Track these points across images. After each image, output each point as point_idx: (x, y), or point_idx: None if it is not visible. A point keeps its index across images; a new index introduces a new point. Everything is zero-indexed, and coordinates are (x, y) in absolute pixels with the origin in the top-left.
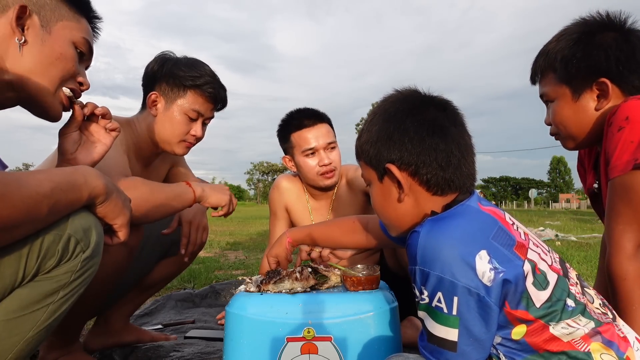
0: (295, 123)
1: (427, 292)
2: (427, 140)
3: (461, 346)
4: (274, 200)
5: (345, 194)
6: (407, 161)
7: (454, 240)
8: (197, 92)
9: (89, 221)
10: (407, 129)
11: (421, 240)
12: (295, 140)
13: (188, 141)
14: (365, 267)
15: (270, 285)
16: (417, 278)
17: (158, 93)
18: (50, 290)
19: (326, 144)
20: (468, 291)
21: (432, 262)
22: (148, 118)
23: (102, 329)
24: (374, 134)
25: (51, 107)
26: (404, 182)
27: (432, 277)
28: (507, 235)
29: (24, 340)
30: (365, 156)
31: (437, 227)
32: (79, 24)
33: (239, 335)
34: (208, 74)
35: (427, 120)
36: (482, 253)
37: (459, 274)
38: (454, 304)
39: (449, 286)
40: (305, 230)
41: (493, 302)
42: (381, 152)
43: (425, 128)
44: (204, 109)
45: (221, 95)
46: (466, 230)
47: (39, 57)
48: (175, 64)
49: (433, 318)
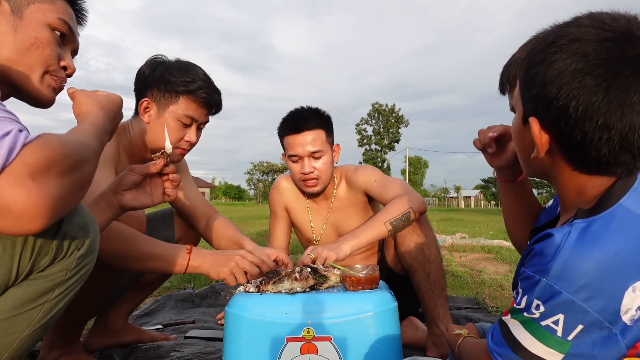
0: (286, 126)
1: (544, 308)
2: (612, 113)
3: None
4: (273, 201)
5: (344, 194)
6: (555, 127)
7: (608, 265)
8: (190, 97)
9: (84, 218)
10: (579, 92)
11: (564, 253)
12: (284, 142)
13: (182, 147)
14: (365, 267)
15: (270, 285)
16: (537, 290)
17: (150, 100)
18: (45, 288)
19: (309, 152)
20: (600, 324)
21: (570, 282)
22: (141, 124)
23: (102, 329)
24: (551, 68)
25: (39, 94)
26: (541, 145)
27: (562, 297)
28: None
29: (19, 340)
30: (523, 84)
31: (590, 241)
32: (53, 5)
33: (239, 335)
34: (201, 78)
35: (611, 87)
36: (638, 285)
37: (598, 305)
38: (574, 332)
39: (579, 313)
40: None
41: (624, 344)
42: (539, 98)
43: (601, 97)
44: (198, 114)
45: (215, 99)
46: (625, 253)
47: (14, 45)
48: (166, 69)
49: (535, 335)
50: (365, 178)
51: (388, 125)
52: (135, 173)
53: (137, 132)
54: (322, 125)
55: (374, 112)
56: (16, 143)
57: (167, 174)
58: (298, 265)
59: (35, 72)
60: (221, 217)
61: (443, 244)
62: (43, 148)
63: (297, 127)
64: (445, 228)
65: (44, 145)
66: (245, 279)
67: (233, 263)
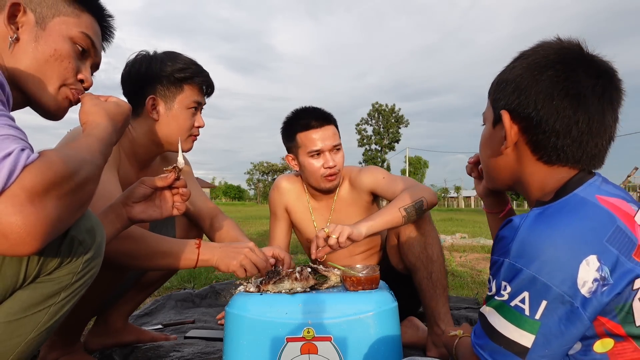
0: (303, 123)
1: (510, 288)
2: (555, 99)
3: (532, 355)
4: (274, 201)
5: (347, 194)
6: (523, 114)
7: (560, 240)
8: (191, 84)
9: (91, 222)
10: (540, 81)
11: (521, 232)
12: (301, 140)
13: (195, 134)
14: (365, 267)
15: (270, 285)
16: (502, 272)
17: (154, 96)
18: (52, 291)
19: (332, 146)
20: (561, 298)
21: (529, 258)
22: (147, 122)
23: (102, 329)
24: (507, 76)
25: (51, 106)
26: (510, 135)
27: (523, 274)
28: (626, 236)
29: (25, 342)
30: (491, 96)
31: (544, 222)
32: (78, 19)
33: (239, 335)
34: (192, 62)
35: (566, 79)
36: (590, 259)
37: (556, 278)
38: (539, 309)
39: (541, 288)
40: None
41: (587, 317)
42: (504, 96)
43: (559, 87)
44: (201, 97)
45: (210, 80)
46: (577, 230)
47: (33, 55)
48: (161, 62)
49: (507, 317)
50: (372, 177)
51: (388, 125)
52: (145, 185)
53: (142, 132)
54: (335, 122)
55: (374, 112)
56: (17, 165)
57: (177, 187)
58: (314, 240)
59: (52, 83)
60: (225, 218)
61: (443, 244)
62: (44, 170)
63: (319, 121)
64: (445, 228)
65: (46, 166)
66: (256, 270)
67: (242, 256)
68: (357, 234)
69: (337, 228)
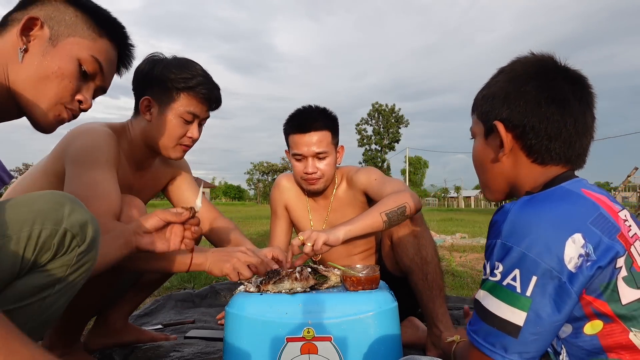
0: (292, 124)
1: (502, 267)
2: (542, 106)
3: (524, 333)
4: (274, 199)
5: (344, 194)
6: (515, 122)
7: (547, 219)
8: (190, 94)
9: (85, 216)
10: (526, 92)
11: (512, 214)
12: (289, 140)
13: (185, 144)
14: (365, 267)
15: (270, 285)
16: (495, 252)
17: (150, 98)
18: (46, 283)
19: (314, 153)
20: (550, 273)
21: (518, 237)
22: (142, 123)
23: (102, 329)
24: (493, 90)
25: (40, 120)
26: (507, 142)
27: (514, 252)
28: (608, 222)
29: None
30: (478, 110)
31: (533, 205)
32: (93, 43)
33: (239, 335)
34: (200, 74)
35: (550, 88)
36: (576, 236)
37: (544, 254)
38: (530, 285)
39: (531, 265)
40: None
41: (574, 291)
42: (494, 109)
43: (544, 95)
44: (199, 110)
45: (215, 94)
46: (563, 212)
47: (36, 68)
48: (165, 66)
49: (499, 297)
50: (366, 177)
51: (388, 125)
52: (159, 218)
53: (138, 132)
54: (329, 126)
55: (374, 112)
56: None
57: (190, 224)
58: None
59: (47, 99)
60: (225, 220)
61: (443, 244)
62: None
63: (304, 126)
64: (445, 228)
65: None
66: (250, 273)
67: (235, 259)
68: (333, 239)
69: (312, 235)
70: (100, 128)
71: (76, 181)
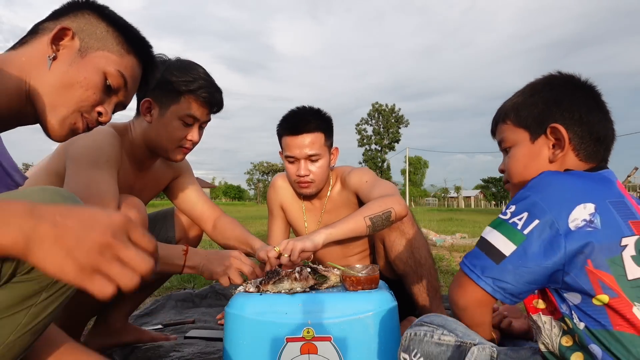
0: (285, 126)
1: (514, 208)
2: (595, 112)
3: (506, 263)
4: (270, 199)
5: (338, 196)
6: (574, 125)
7: (570, 186)
8: (191, 97)
9: None
10: (577, 98)
11: (543, 174)
12: (282, 142)
13: (185, 147)
14: (365, 267)
15: (270, 285)
16: (516, 197)
17: (151, 99)
18: (31, 292)
19: (306, 155)
20: (551, 222)
21: (538, 189)
22: (143, 124)
23: (101, 329)
24: (537, 98)
25: (55, 126)
26: (567, 143)
27: (530, 199)
28: (628, 209)
29: (4, 345)
30: (518, 117)
31: (566, 174)
32: (121, 59)
33: (239, 335)
34: (202, 77)
35: (594, 96)
36: (589, 205)
37: (553, 207)
38: (530, 225)
39: (539, 211)
40: None
41: (564, 246)
42: (547, 113)
43: (592, 102)
44: (200, 113)
45: (216, 98)
46: (588, 186)
47: (61, 76)
48: (167, 68)
49: (500, 230)
50: (358, 179)
51: (388, 125)
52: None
53: (139, 132)
54: (322, 127)
55: (374, 112)
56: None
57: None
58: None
59: (66, 107)
60: (228, 218)
61: (443, 244)
62: None
63: (296, 128)
64: (445, 228)
65: None
66: (240, 279)
67: (227, 264)
68: (310, 245)
69: (287, 246)
70: (103, 128)
71: (73, 179)
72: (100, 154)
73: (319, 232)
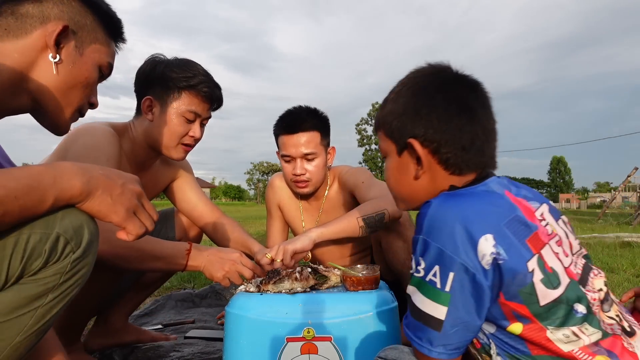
0: (281, 125)
1: (424, 263)
2: (454, 119)
3: (446, 327)
4: (268, 199)
5: (336, 196)
6: (430, 138)
7: (463, 216)
8: (192, 92)
9: (80, 219)
10: (436, 106)
11: (431, 209)
12: (279, 142)
13: (186, 143)
14: (365, 267)
15: (270, 285)
16: (417, 248)
17: (152, 97)
18: (37, 293)
19: (302, 154)
20: (465, 269)
21: (436, 233)
22: (144, 123)
23: (102, 329)
24: (400, 106)
25: (62, 125)
26: (424, 159)
27: (432, 248)
28: (523, 224)
29: (10, 346)
30: (386, 128)
31: (451, 200)
32: (109, 48)
33: (239, 335)
34: (201, 73)
35: (457, 98)
36: (488, 236)
37: (460, 251)
38: (448, 280)
39: (448, 261)
40: None
41: (487, 286)
42: (405, 126)
43: (454, 107)
44: (201, 109)
45: (216, 94)
46: (479, 210)
47: (65, 78)
48: (167, 66)
49: (423, 293)
50: (354, 179)
51: None
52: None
53: (140, 132)
54: (318, 126)
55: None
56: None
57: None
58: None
59: (72, 106)
60: (228, 220)
61: None
62: None
63: (292, 127)
64: None
65: None
66: (240, 280)
67: (227, 266)
68: (300, 246)
69: (279, 250)
70: (102, 127)
71: None
72: (100, 153)
73: (310, 231)
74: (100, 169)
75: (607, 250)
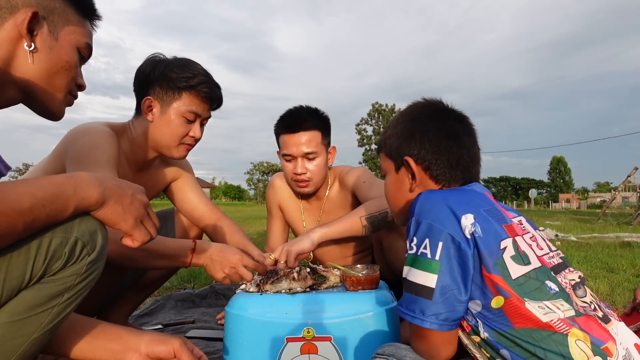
0: (282, 124)
1: (416, 239)
2: (443, 142)
3: (436, 294)
4: (269, 199)
5: (337, 195)
6: (423, 157)
7: (448, 199)
8: (192, 93)
9: (94, 225)
10: (428, 131)
11: (421, 198)
12: (280, 141)
13: (187, 143)
14: (365, 267)
15: (268, 285)
16: (411, 229)
17: (152, 98)
18: (56, 292)
19: (303, 153)
20: (452, 238)
21: (426, 212)
22: (144, 123)
23: None
24: (399, 131)
25: (57, 110)
26: (418, 174)
27: (423, 224)
28: (499, 214)
29: (28, 342)
30: (387, 149)
31: (439, 192)
32: (84, 29)
33: (239, 335)
34: (201, 73)
35: (446, 126)
36: (469, 215)
37: (446, 223)
38: (437, 249)
39: (436, 232)
40: None
41: (470, 254)
42: (402, 147)
43: (443, 132)
44: (201, 109)
45: (216, 94)
46: (461, 198)
47: (46, 65)
48: (167, 66)
49: (416, 266)
50: (355, 179)
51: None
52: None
53: (140, 132)
54: (319, 126)
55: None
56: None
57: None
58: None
59: (61, 92)
60: (228, 222)
61: None
62: None
63: (293, 126)
64: None
65: None
66: (240, 280)
67: (228, 267)
68: (305, 247)
69: (282, 252)
70: (101, 127)
71: None
72: (100, 153)
73: (314, 231)
74: (112, 179)
75: (607, 250)
